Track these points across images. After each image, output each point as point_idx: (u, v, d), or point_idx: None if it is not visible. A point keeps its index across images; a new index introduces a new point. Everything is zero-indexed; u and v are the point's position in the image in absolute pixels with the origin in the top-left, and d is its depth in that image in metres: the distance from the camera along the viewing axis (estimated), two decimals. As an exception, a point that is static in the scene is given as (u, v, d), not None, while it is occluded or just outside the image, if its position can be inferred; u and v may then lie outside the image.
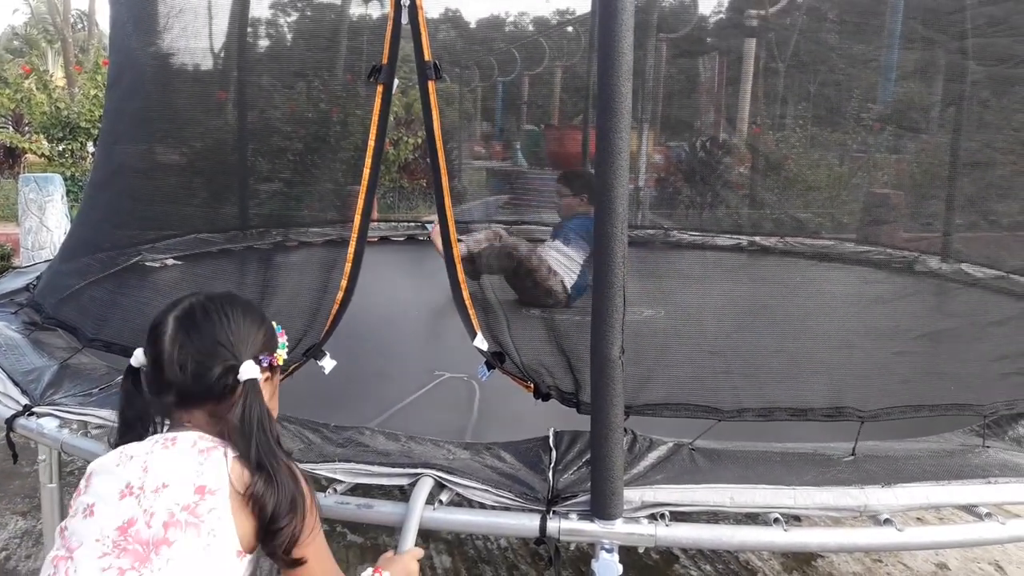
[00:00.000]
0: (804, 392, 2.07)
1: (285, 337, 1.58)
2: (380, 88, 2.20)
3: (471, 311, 2.20)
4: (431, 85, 2.15)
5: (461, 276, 2.21)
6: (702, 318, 2.28)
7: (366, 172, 2.22)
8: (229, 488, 1.34)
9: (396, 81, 2.24)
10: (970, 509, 1.84)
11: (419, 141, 10.77)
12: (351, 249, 2.23)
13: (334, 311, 2.21)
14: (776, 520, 1.74)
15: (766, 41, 7.55)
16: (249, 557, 1.36)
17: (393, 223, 6.95)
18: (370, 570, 1.54)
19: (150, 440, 1.43)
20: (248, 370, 1.43)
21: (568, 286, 3.83)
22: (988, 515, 1.81)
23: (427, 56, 2.13)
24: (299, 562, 1.38)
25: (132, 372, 1.52)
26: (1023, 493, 1.86)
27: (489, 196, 4.31)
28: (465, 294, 2.21)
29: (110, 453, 1.43)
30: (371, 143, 2.22)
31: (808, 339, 2.21)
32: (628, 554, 2.19)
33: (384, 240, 6.10)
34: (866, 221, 5.63)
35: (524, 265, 3.69)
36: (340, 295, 2.22)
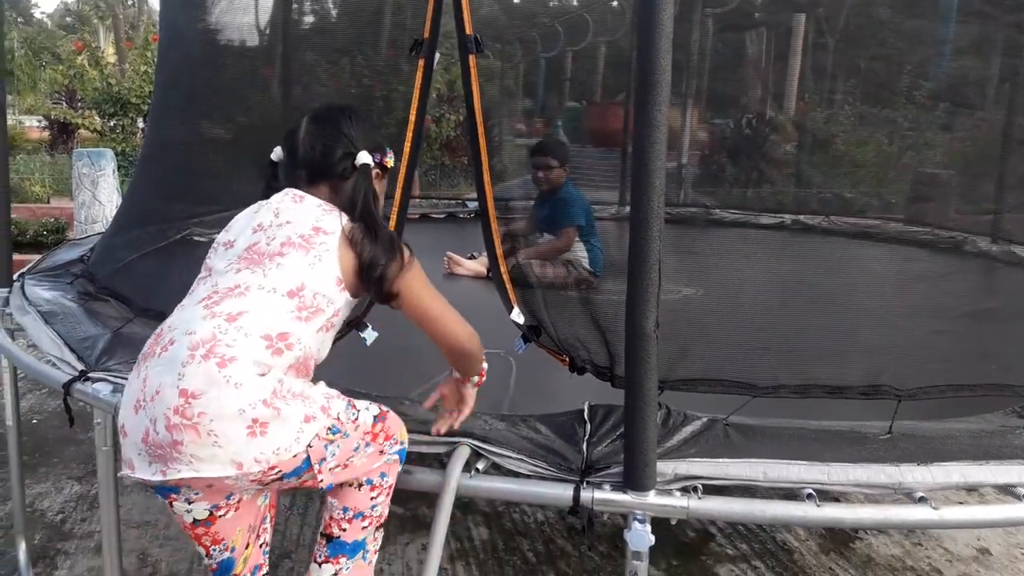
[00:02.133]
0: (842, 370, 2.07)
1: (392, 153, 1.95)
2: (421, 62, 2.23)
3: (508, 285, 2.23)
4: (472, 59, 2.17)
5: (499, 251, 2.24)
6: (740, 295, 2.28)
7: (407, 147, 2.25)
8: (340, 234, 1.70)
9: (437, 55, 2.26)
10: (1008, 489, 1.82)
11: (461, 118, 10.79)
12: (391, 224, 2.27)
13: None
14: (809, 496, 1.75)
15: (815, 16, 7.40)
16: (348, 296, 1.71)
17: (434, 200, 6.99)
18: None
19: (282, 192, 1.80)
20: (363, 157, 1.81)
21: (589, 268, 3.86)
22: (1026, 496, 1.79)
23: (468, 30, 2.15)
24: (394, 295, 1.74)
25: (271, 164, 1.91)
26: (1064, 475, 1.83)
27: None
28: (503, 268, 2.24)
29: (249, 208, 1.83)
30: (412, 117, 2.25)
31: (848, 317, 2.20)
32: (666, 531, 2.23)
33: (424, 217, 6.14)
34: (913, 200, 5.54)
35: (556, 282, 3.75)
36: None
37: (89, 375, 2.22)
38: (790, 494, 1.81)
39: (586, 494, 1.74)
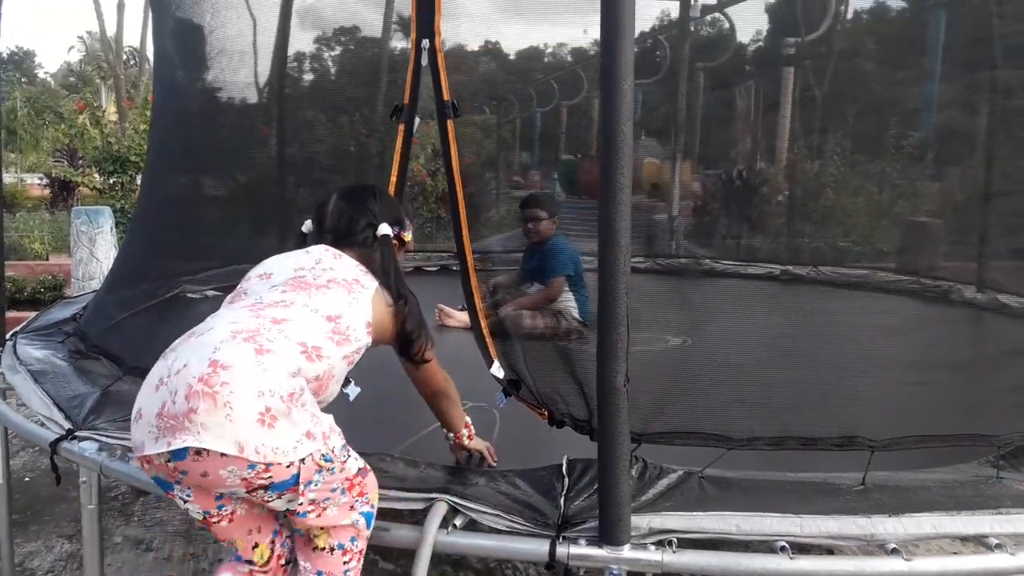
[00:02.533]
0: (816, 421, 2.10)
1: (412, 227, 2.16)
2: (402, 127, 2.31)
3: (489, 340, 2.28)
4: (450, 124, 2.25)
5: (479, 307, 2.29)
6: (718, 347, 2.32)
7: (390, 206, 2.33)
8: (375, 291, 1.92)
9: (417, 120, 2.34)
10: (980, 540, 1.84)
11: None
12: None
13: None
14: (783, 548, 1.77)
15: (803, 69, 7.57)
16: (370, 340, 1.89)
17: (428, 253, 7.05)
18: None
19: (320, 247, 1.99)
20: (383, 228, 2.04)
21: (579, 318, 3.91)
22: (998, 546, 1.81)
23: (446, 96, 2.24)
24: (426, 362, 2.04)
25: (301, 235, 2.11)
26: (1034, 524, 1.85)
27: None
28: (483, 324, 2.29)
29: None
30: (394, 179, 2.32)
31: (822, 369, 2.23)
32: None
33: (417, 270, 6.19)
34: (899, 249, 5.61)
35: (546, 333, 3.82)
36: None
37: (76, 434, 2.26)
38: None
39: (562, 549, 1.76)
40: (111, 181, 10.75)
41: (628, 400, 1.90)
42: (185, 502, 1.67)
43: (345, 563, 1.75)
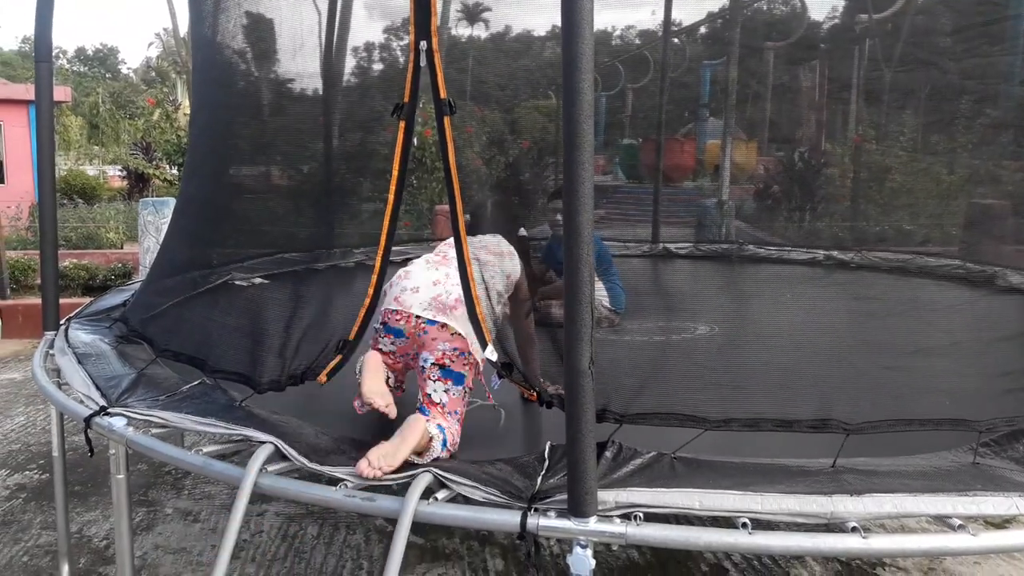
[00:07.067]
0: (791, 404, 2.15)
1: None
2: (402, 124, 2.44)
3: (483, 325, 2.39)
4: (447, 120, 2.36)
5: (475, 292, 2.41)
6: (695, 332, 2.39)
7: (390, 198, 2.47)
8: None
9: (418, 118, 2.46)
10: (943, 520, 1.87)
11: (510, 159, 10.96)
12: (376, 266, 2.49)
13: (361, 315, 2.61)
14: (744, 524, 1.84)
15: (871, 47, 7.38)
16: (519, 272, 2.78)
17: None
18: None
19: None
20: (521, 231, 2.99)
21: (611, 306, 3.97)
22: (960, 527, 1.85)
23: (443, 94, 2.35)
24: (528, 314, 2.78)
25: None
26: (1000, 506, 1.88)
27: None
28: (478, 309, 2.41)
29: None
30: (395, 173, 2.45)
31: (802, 353, 2.28)
32: (680, 564, 2.28)
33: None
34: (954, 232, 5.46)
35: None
36: (367, 301, 2.59)
37: (108, 410, 2.46)
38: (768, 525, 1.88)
39: (532, 520, 1.87)
40: (180, 173, 11.23)
41: (611, 383, 2.01)
42: (391, 344, 2.53)
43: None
